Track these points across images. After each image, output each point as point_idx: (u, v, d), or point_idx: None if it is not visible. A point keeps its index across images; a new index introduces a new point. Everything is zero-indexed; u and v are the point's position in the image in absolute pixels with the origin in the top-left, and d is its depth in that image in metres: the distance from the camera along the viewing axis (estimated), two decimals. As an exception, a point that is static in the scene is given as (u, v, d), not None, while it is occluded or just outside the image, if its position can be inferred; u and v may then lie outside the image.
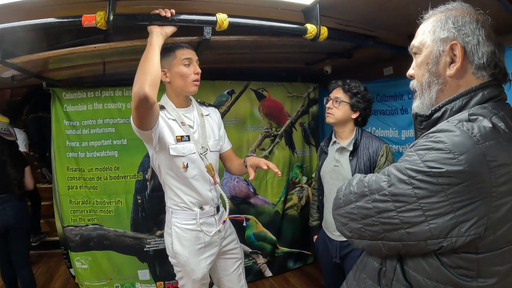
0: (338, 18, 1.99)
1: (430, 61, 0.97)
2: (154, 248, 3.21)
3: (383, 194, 0.89)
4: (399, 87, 2.84)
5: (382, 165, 2.03)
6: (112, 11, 1.48)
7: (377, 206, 0.90)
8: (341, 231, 1.04)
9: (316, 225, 2.46)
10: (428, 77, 0.98)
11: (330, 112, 2.13)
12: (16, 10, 1.56)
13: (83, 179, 3.07)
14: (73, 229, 3.11)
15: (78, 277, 3.23)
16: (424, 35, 0.99)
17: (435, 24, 0.96)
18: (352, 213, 0.97)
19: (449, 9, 0.96)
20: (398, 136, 2.89)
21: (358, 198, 0.96)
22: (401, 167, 0.87)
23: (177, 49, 1.80)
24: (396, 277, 0.94)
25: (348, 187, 1.02)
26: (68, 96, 3.00)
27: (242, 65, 3.14)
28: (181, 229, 1.91)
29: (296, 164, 3.71)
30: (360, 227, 0.95)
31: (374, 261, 1.02)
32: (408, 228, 0.85)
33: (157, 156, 1.84)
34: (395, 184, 0.86)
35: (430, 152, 0.83)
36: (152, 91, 1.47)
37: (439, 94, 0.97)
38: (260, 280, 3.59)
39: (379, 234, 0.91)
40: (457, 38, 0.91)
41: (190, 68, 1.80)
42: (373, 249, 0.97)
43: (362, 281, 1.06)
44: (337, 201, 1.05)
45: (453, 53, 0.93)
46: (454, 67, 0.92)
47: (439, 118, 0.95)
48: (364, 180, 0.97)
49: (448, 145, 0.80)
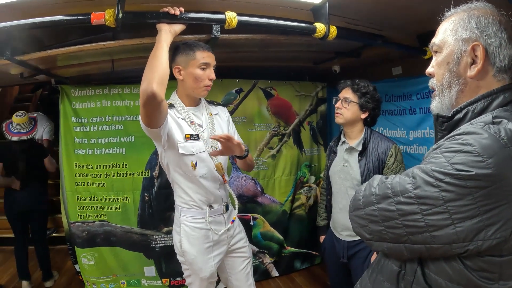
0: (347, 17, 1.98)
1: (451, 61, 0.95)
2: (160, 245, 3.22)
3: (408, 197, 0.87)
4: (408, 87, 2.82)
5: (391, 165, 2.01)
6: (121, 9, 1.48)
7: (401, 208, 0.88)
8: (359, 233, 1.03)
9: (324, 225, 2.45)
10: (448, 76, 0.96)
11: (339, 112, 2.12)
12: (26, 8, 1.56)
13: (90, 176, 3.08)
14: (80, 225, 3.13)
15: (84, 273, 3.25)
16: (445, 34, 0.97)
17: (457, 23, 0.95)
18: (373, 215, 0.95)
19: (472, 9, 0.95)
20: (406, 137, 2.87)
21: (380, 200, 0.94)
22: (428, 169, 0.85)
23: (198, 50, 1.77)
24: (416, 280, 0.93)
25: (368, 188, 1.00)
26: (76, 93, 3.01)
27: (250, 63, 3.13)
28: (190, 228, 1.91)
29: (304, 163, 3.69)
30: (382, 229, 0.93)
31: (392, 263, 1.00)
32: (433, 232, 0.83)
33: (166, 154, 1.83)
34: (421, 186, 0.84)
35: (458, 154, 0.81)
36: (160, 89, 1.47)
37: (459, 94, 0.95)
38: (266, 280, 3.57)
39: (402, 237, 0.89)
40: (479, 39, 0.90)
41: (206, 73, 1.79)
42: (394, 252, 0.95)
43: (379, 284, 1.04)
44: (356, 203, 1.02)
45: (474, 54, 0.91)
46: (475, 68, 0.91)
47: (460, 119, 0.93)
48: (387, 181, 0.95)
49: (476, 148, 0.79)
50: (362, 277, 1.18)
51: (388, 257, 1.04)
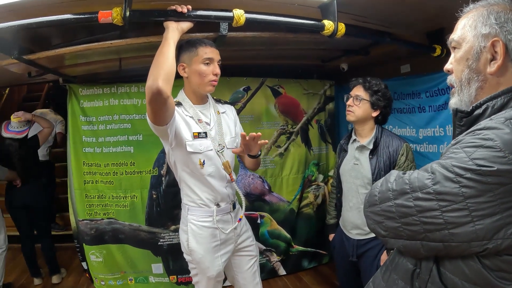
0: (355, 14, 1.96)
1: (470, 57, 0.94)
2: (168, 242, 3.23)
3: (426, 192, 0.84)
4: (417, 85, 2.78)
5: (402, 164, 2.00)
6: (128, 7, 1.47)
7: (419, 204, 0.86)
8: (374, 229, 1.01)
9: (333, 223, 2.44)
10: (468, 73, 0.95)
11: (350, 110, 2.10)
12: (33, 7, 1.57)
13: (99, 174, 3.10)
14: (88, 223, 3.15)
15: (92, 270, 3.27)
16: (464, 30, 0.96)
17: (476, 19, 0.93)
18: (389, 211, 0.93)
19: (491, 4, 0.93)
20: (416, 135, 2.84)
21: (397, 195, 0.91)
22: (447, 164, 0.83)
23: (200, 46, 1.77)
24: (431, 279, 0.91)
25: (385, 184, 0.98)
26: (84, 92, 3.03)
27: (258, 61, 3.12)
28: (197, 226, 1.90)
29: (313, 161, 3.67)
30: (398, 226, 0.91)
31: (407, 262, 0.99)
32: (452, 229, 0.81)
33: (173, 152, 1.83)
34: (441, 182, 0.82)
35: (479, 149, 0.79)
36: (166, 86, 1.46)
37: (479, 91, 0.94)
38: (273, 279, 3.56)
39: (419, 234, 0.87)
40: (499, 35, 0.88)
41: (210, 68, 1.78)
42: (410, 250, 0.93)
43: (393, 282, 1.02)
44: (372, 198, 1.00)
45: (494, 50, 0.89)
46: (495, 64, 0.89)
47: (480, 115, 0.91)
48: (404, 177, 0.92)
49: (498, 143, 0.77)
50: (375, 275, 1.16)
51: (403, 255, 1.02)
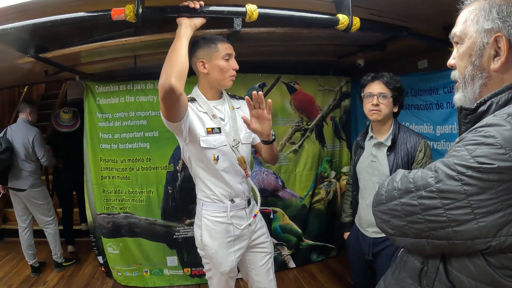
0: (370, 8, 1.92)
1: (473, 53, 0.92)
2: (182, 235, 3.28)
3: (430, 191, 0.84)
4: (435, 81, 2.72)
5: (420, 160, 1.95)
6: (141, 4, 1.49)
7: (423, 203, 0.86)
8: (382, 228, 1.01)
9: (349, 221, 2.40)
10: (471, 70, 0.93)
11: (377, 109, 2.01)
12: (47, 6, 1.59)
13: (115, 170, 3.16)
14: (106, 217, 3.23)
15: (109, 261, 3.37)
16: (466, 24, 0.93)
17: (478, 13, 0.90)
18: (395, 210, 0.93)
19: None
20: (433, 132, 2.78)
21: (402, 194, 0.92)
22: (450, 162, 0.82)
23: (220, 42, 1.77)
24: (438, 277, 0.90)
25: (391, 183, 0.98)
26: (100, 89, 3.08)
27: (274, 58, 3.10)
28: (211, 222, 1.91)
29: (326, 158, 3.66)
30: (404, 224, 0.91)
31: (415, 260, 0.98)
32: (455, 227, 0.81)
33: (188, 148, 1.84)
34: (443, 180, 0.82)
35: (480, 147, 0.78)
36: (178, 83, 1.47)
37: (483, 88, 0.92)
38: (284, 271, 3.61)
39: (424, 232, 0.87)
40: (501, 30, 0.86)
41: (230, 63, 1.79)
42: (416, 248, 0.94)
43: (402, 280, 1.02)
44: (379, 197, 1.01)
45: (497, 45, 0.87)
46: (499, 60, 0.87)
47: (484, 111, 0.89)
48: (409, 176, 0.93)
49: (499, 140, 0.76)
50: (386, 273, 1.16)
51: (410, 253, 1.02)
